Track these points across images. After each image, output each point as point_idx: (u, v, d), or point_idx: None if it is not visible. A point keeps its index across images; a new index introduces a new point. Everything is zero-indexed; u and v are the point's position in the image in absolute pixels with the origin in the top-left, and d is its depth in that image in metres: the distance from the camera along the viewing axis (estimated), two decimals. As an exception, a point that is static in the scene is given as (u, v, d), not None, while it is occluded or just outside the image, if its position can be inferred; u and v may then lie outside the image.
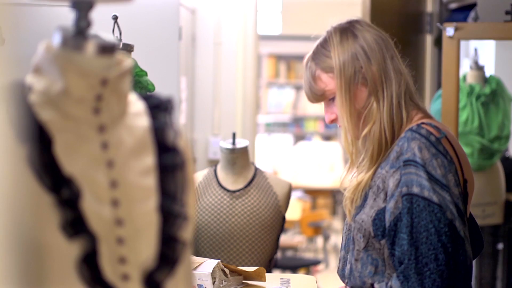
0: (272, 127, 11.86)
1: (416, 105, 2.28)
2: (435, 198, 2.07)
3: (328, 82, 2.27)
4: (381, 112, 2.22)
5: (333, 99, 2.28)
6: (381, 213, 2.14)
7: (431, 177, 2.09)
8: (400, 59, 2.30)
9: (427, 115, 2.27)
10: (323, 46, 2.29)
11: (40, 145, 1.22)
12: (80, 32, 1.26)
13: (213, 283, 2.74)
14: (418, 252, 2.07)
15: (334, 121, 2.30)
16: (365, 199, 2.20)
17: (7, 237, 1.12)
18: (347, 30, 2.28)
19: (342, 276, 2.30)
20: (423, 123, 2.19)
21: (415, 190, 2.09)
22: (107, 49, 1.26)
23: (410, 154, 2.12)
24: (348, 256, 2.26)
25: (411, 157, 2.12)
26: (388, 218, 2.12)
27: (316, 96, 2.30)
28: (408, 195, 2.09)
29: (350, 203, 2.25)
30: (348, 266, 2.26)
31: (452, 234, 2.06)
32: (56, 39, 1.26)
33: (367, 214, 2.17)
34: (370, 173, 2.22)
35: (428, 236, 2.06)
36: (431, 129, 2.17)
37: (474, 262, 4.92)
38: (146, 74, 2.86)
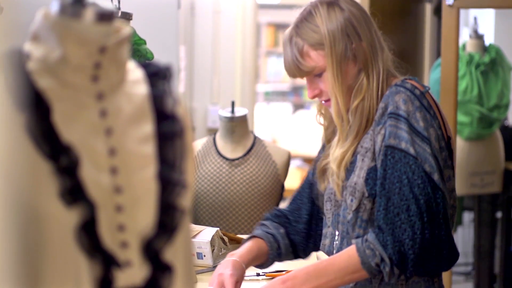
0: (271, 96, 11.84)
1: (396, 75, 2.24)
2: (412, 150, 2.06)
3: (318, 59, 2.18)
4: (371, 89, 2.19)
5: (319, 74, 2.21)
6: (371, 171, 2.13)
7: (412, 129, 2.08)
8: (380, 33, 2.26)
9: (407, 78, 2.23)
10: (308, 20, 2.21)
11: (38, 113, 1.21)
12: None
13: (212, 251, 2.75)
14: (389, 203, 2.06)
15: (317, 96, 2.24)
16: (354, 163, 2.19)
17: (5, 205, 1.12)
18: (333, 3, 2.20)
19: (329, 252, 2.26)
20: (406, 79, 2.19)
21: (392, 142, 2.08)
22: (105, 16, 1.25)
23: (393, 107, 2.11)
24: (337, 229, 2.23)
25: (394, 110, 2.10)
26: (379, 175, 2.11)
27: (303, 72, 2.21)
28: (386, 147, 2.09)
29: (337, 177, 2.21)
30: (337, 239, 2.23)
31: (426, 186, 2.05)
32: (54, 7, 1.25)
33: (359, 176, 2.15)
34: (353, 145, 2.19)
35: (401, 187, 2.06)
36: (416, 84, 2.16)
37: (472, 231, 4.95)
38: (145, 42, 2.85)
